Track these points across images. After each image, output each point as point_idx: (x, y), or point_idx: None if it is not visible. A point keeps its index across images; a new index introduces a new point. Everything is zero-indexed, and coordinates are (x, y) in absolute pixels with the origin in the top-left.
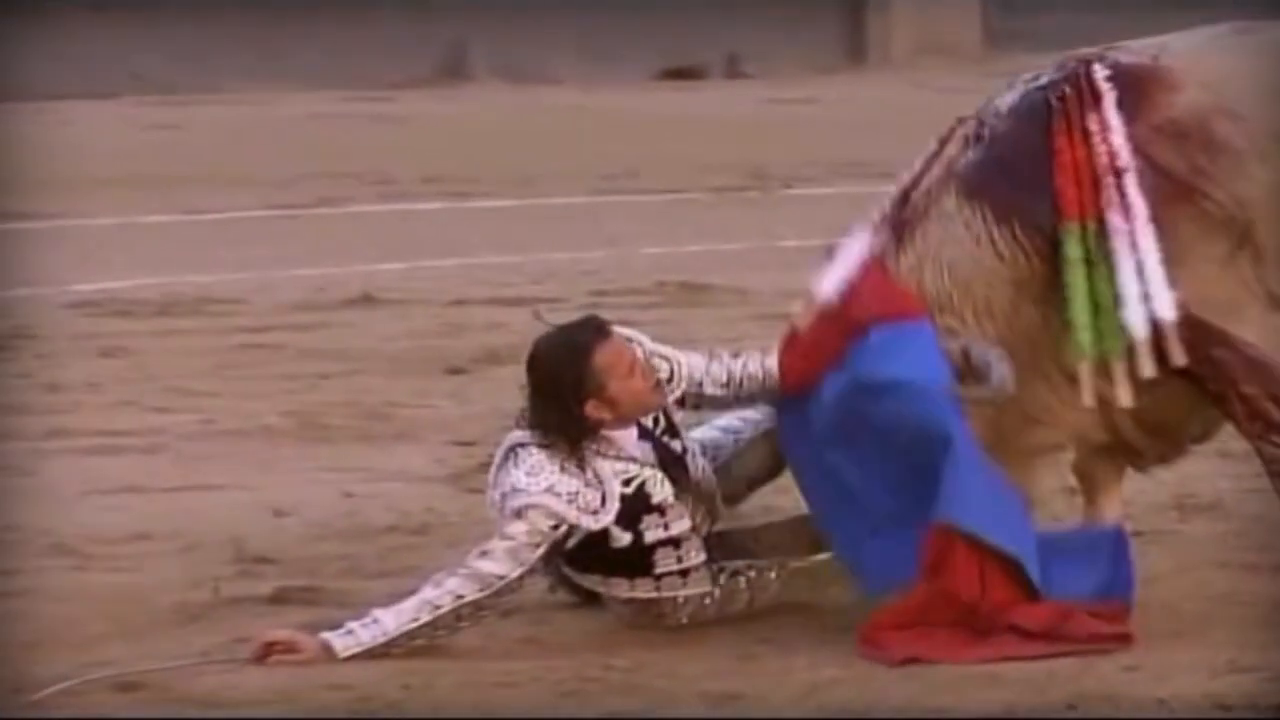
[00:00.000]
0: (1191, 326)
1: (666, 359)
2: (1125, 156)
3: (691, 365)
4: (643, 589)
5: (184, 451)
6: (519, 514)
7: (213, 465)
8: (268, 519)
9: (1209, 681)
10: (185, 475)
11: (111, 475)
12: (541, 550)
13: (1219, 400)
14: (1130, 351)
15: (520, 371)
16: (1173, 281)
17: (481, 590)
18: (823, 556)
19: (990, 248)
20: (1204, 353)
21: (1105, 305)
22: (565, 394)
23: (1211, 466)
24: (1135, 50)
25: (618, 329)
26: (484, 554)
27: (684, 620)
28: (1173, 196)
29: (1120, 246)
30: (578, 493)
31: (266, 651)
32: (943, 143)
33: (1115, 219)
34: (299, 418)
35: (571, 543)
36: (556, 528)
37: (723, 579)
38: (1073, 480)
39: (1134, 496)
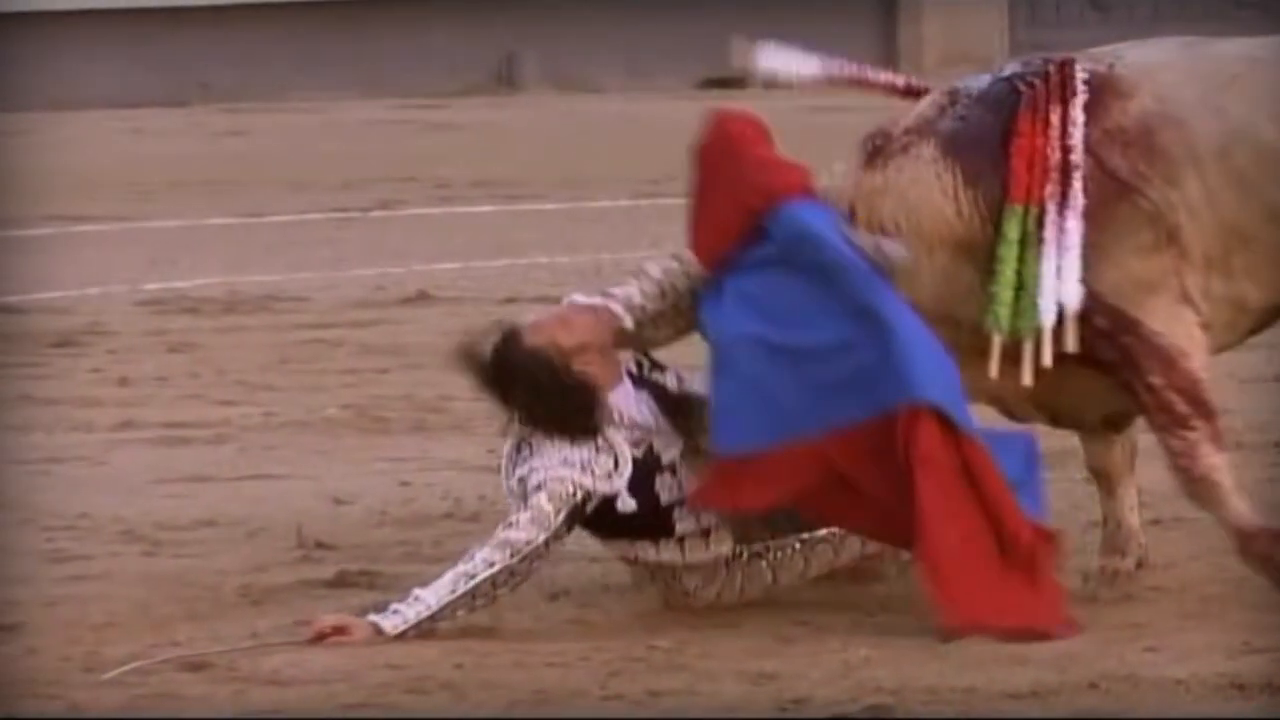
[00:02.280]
0: (1106, 312)
1: (603, 298)
2: (1079, 153)
3: (628, 293)
4: (668, 552)
5: (248, 442)
6: (539, 487)
7: (276, 455)
8: (328, 506)
9: (1225, 662)
10: (250, 465)
11: (179, 465)
12: (563, 516)
13: (1127, 389)
14: (1038, 335)
15: None
16: (1095, 269)
17: (512, 556)
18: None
19: (954, 204)
20: (1115, 339)
21: (1029, 287)
22: (548, 378)
23: (1230, 457)
24: (1093, 57)
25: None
26: (510, 525)
27: (712, 597)
28: (1112, 194)
29: (1050, 236)
30: (590, 459)
31: (320, 637)
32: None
33: (1053, 208)
34: (358, 410)
35: (590, 507)
36: (575, 494)
37: (744, 560)
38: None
39: (1152, 485)
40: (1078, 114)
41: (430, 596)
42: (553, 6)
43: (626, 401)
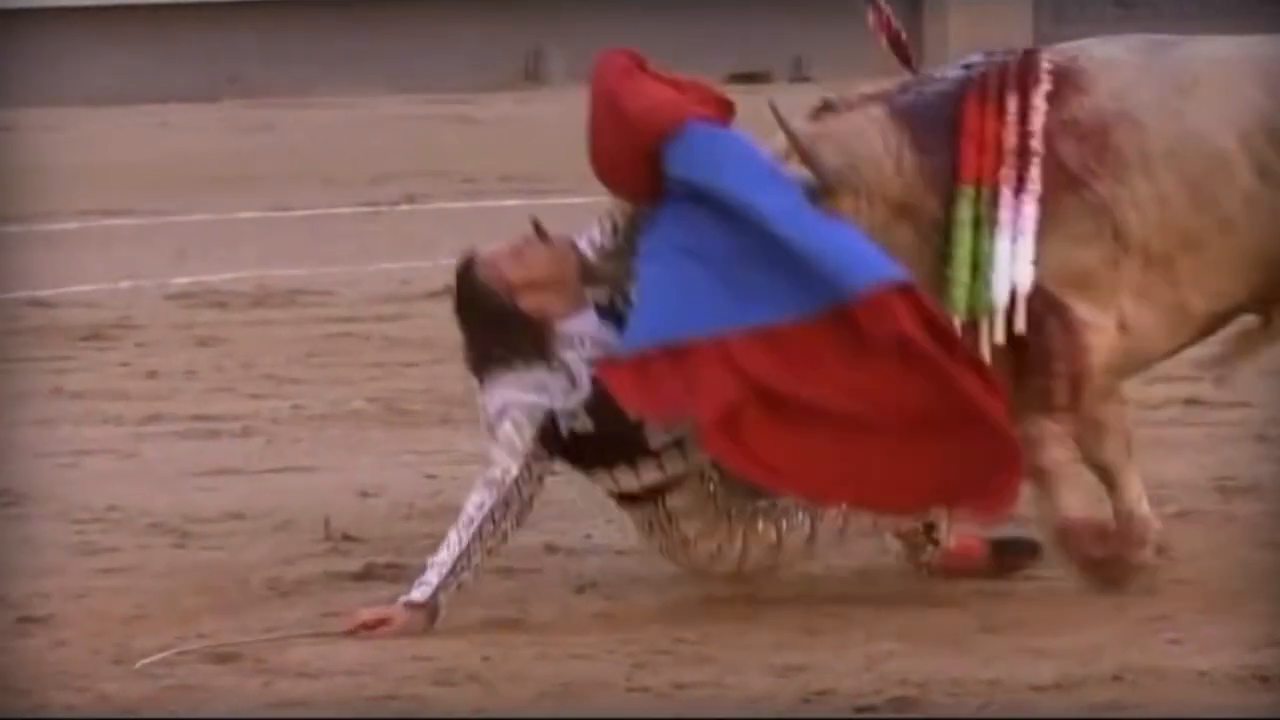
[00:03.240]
0: (1041, 294)
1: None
2: (1039, 139)
3: (592, 231)
4: (647, 472)
5: (276, 435)
6: (501, 414)
7: (303, 448)
8: (355, 499)
9: (1249, 654)
10: (277, 458)
11: (207, 458)
12: (531, 437)
13: (1034, 368)
14: (992, 314)
15: None
16: (1039, 254)
17: (496, 490)
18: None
19: (895, 162)
20: (1043, 320)
21: (983, 267)
22: (488, 310)
23: (1251, 450)
24: (1058, 50)
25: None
26: (486, 465)
27: (714, 550)
28: (1061, 184)
29: (1006, 218)
30: (545, 381)
31: (360, 628)
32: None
33: (1008, 191)
34: (385, 403)
35: (564, 426)
36: (536, 414)
37: (747, 515)
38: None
39: (1175, 479)
40: (1040, 101)
41: (443, 554)
42: (579, 1)
43: (589, 326)
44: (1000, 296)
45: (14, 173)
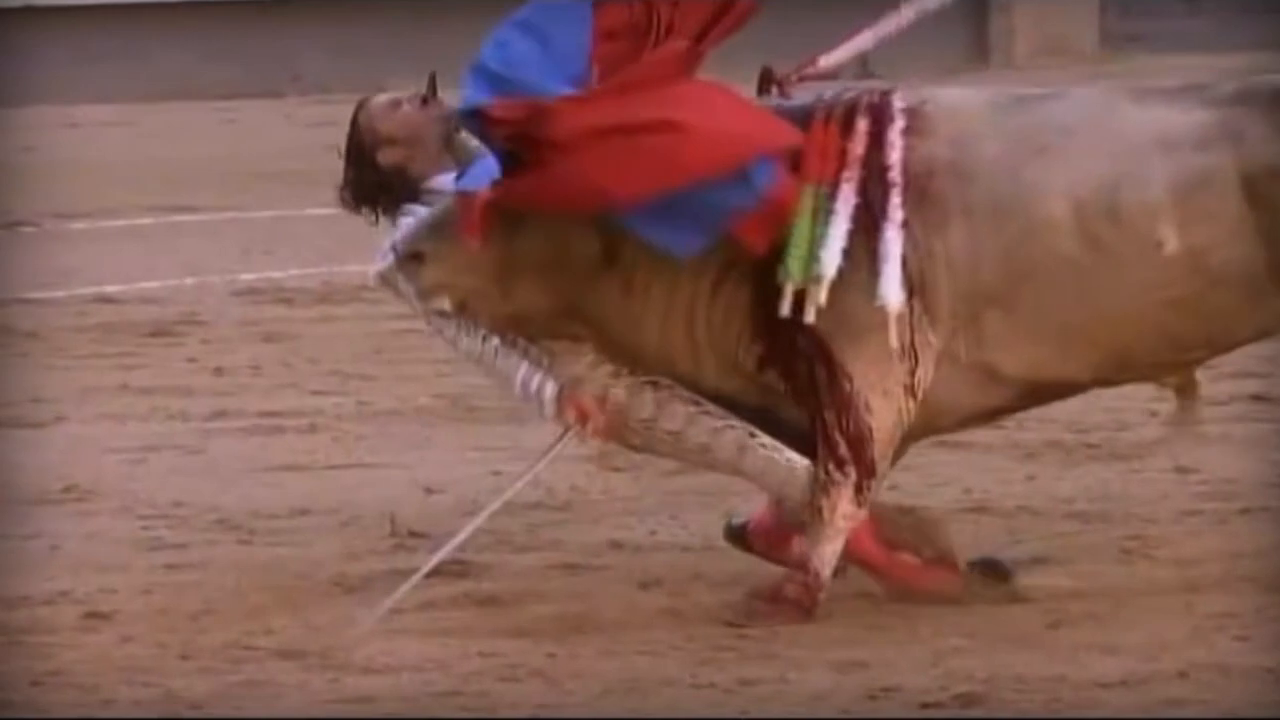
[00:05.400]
0: (810, 335)
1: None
2: (894, 158)
3: None
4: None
5: (342, 432)
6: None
7: (369, 444)
8: (421, 495)
9: None
10: (343, 454)
11: (274, 454)
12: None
13: (809, 418)
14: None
15: None
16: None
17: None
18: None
19: None
20: (810, 363)
21: (815, 247)
22: (355, 151)
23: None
24: (911, 92)
25: None
26: None
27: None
28: (864, 226)
29: (842, 209)
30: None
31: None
32: None
33: (847, 188)
34: (450, 399)
35: None
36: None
37: (633, 380)
38: None
39: (1242, 475)
40: (895, 137)
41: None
42: None
43: (447, 186)
44: (828, 268)
45: (81, 169)
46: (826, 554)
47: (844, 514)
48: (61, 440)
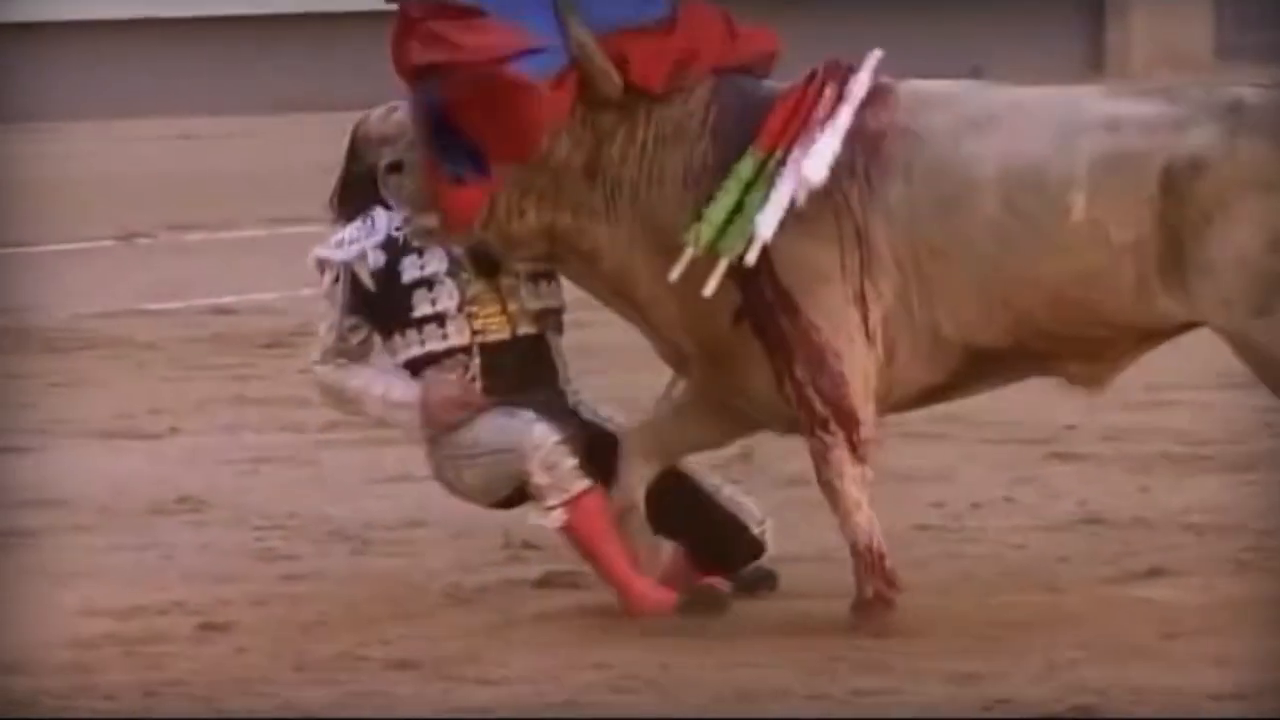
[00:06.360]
0: (773, 285)
1: None
2: (844, 119)
3: None
4: (407, 344)
5: None
6: (319, 268)
7: None
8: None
9: None
10: None
11: (387, 465)
12: (339, 286)
13: (779, 379)
14: (734, 254)
15: None
16: (776, 240)
17: (323, 350)
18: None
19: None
20: (774, 316)
21: (745, 215)
22: (351, 151)
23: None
24: (890, 79)
25: None
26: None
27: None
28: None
29: (789, 173)
30: (346, 238)
31: None
32: None
33: (798, 152)
34: None
35: (363, 275)
36: (337, 266)
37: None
38: None
39: None
40: (857, 89)
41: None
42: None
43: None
44: (763, 233)
45: (196, 181)
46: (861, 524)
47: (853, 478)
48: (176, 451)
